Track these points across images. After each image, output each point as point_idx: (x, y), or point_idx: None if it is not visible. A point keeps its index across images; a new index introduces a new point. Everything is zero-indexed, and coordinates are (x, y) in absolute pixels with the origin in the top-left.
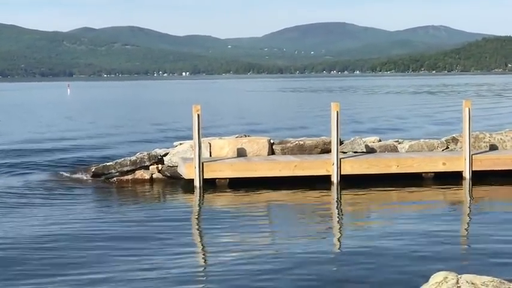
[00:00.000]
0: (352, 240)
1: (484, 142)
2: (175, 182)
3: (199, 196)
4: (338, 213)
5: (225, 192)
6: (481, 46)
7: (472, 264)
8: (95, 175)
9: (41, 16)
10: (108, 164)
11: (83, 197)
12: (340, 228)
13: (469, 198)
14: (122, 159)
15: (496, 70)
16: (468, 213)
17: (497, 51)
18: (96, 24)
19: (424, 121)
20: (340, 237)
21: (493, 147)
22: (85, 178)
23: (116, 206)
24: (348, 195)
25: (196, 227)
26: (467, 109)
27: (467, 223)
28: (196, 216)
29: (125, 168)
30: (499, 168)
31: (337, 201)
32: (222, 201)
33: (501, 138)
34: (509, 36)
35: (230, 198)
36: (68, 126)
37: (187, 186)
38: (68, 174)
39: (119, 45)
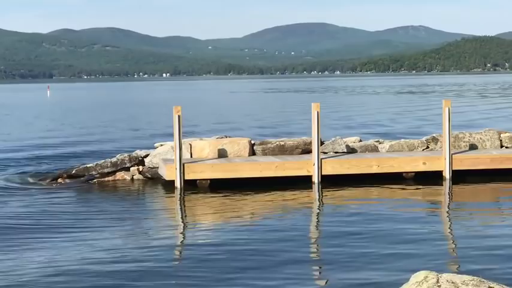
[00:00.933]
0: (332, 240)
1: (463, 142)
2: (156, 183)
3: (180, 197)
4: (318, 214)
5: (206, 193)
6: (460, 46)
7: (453, 264)
8: (76, 177)
9: (20, 17)
10: (88, 165)
11: (61, 199)
12: (320, 228)
13: (449, 198)
14: (103, 160)
15: (475, 70)
16: (448, 213)
17: (476, 51)
18: (76, 25)
19: (405, 121)
20: (319, 237)
21: (472, 147)
22: (65, 180)
23: (96, 207)
24: (329, 196)
25: (176, 226)
26: (447, 109)
27: (447, 222)
28: (177, 217)
29: (106, 170)
30: (479, 168)
31: (318, 201)
32: (203, 202)
33: (481, 138)
34: (488, 36)
35: (210, 199)
36: (48, 128)
37: (168, 187)
38: (48, 175)
39: (99, 47)
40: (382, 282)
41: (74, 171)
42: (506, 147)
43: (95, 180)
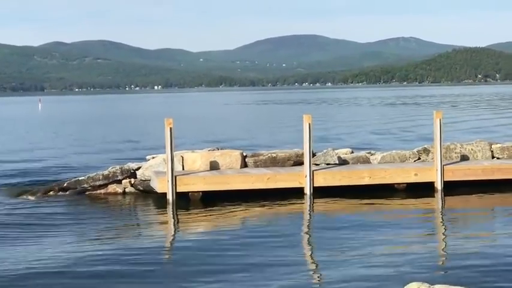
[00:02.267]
0: (324, 251)
1: (455, 153)
2: (148, 196)
3: (172, 209)
4: (310, 225)
5: (198, 205)
6: (451, 57)
7: (445, 275)
8: (67, 189)
9: (11, 30)
10: (80, 178)
11: (53, 212)
12: (311, 240)
13: (441, 209)
14: (95, 173)
15: (467, 81)
16: (440, 224)
17: (467, 62)
18: (67, 38)
19: (396, 132)
20: (312, 248)
21: (464, 158)
22: (57, 192)
23: (87, 220)
24: (320, 207)
25: (168, 239)
26: (438, 120)
27: (439, 233)
28: (169, 229)
29: (98, 183)
30: (470, 179)
31: (310, 213)
32: (195, 214)
33: (472, 149)
34: (479, 47)
35: (203, 212)
36: (40, 141)
37: (160, 200)
38: (40, 188)
39: (90, 59)
40: None
41: (65, 184)
42: (498, 158)
43: (86, 192)
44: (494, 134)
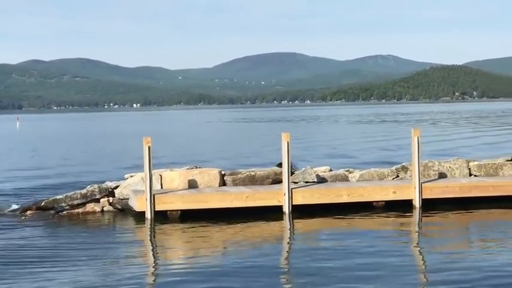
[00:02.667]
0: (303, 270)
1: (433, 170)
2: (127, 214)
3: (151, 228)
4: (289, 243)
5: (177, 224)
6: (428, 75)
7: None
8: (45, 209)
9: None
10: (58, 197)
11: (31, 232)
12: (289, 259)
13: (418, 227)
14: (72, 192)
15: (444, 98)
16: (418, 241)
17: (444, 79)
18: (45, 56)
19: (375, 150)
20: (289, 268)
21: (442, 175)
22: (34, 212)
23: (64, 240)
24: (299, 225)
25: (147, 258)
26: (416, 138)
27: (418, 251)
28: (147, 249)
29: (75, 202)
30: (448, 196)
31: (288, 232)
32: (173, 233)
33: (450, 167)
34: (456, 65)
35: (181, 231)
36: (17, 159)
37: (139, 218)
38: (16, 208)
39: (68, 77)
40: None
41: (43, 203)
42: (475, 176)
43: (64, 212)
44: (471, 151)
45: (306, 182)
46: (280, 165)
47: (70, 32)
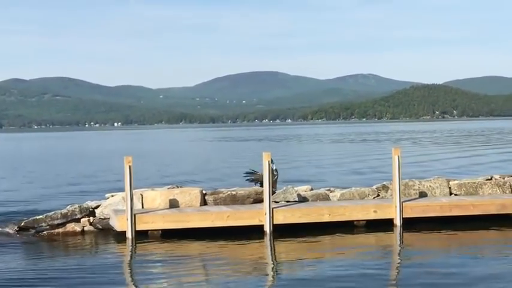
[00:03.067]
0: None
1: (413, 189)
2: (107, 234)
3: (132, 248)
4: (270, 263)
5: (158, 244)
6: (409, 94)
7: None
8: (25, 229)
9: None
10: (38, 217)
11: (11, 251)
12: (272, 277)
13: (399, 245)
14: (53, 212)
15: (424, 117)
16: (399, 261)
17: (424, 98)
18: (26, 75)
19: (356, 169)
20: (272, 285)
21: (422, 195)
22: (14, 232)
23: (46, 260)
24: (280, 245)
25: (128, 280)
26: (396, 157)
27: (398, 270)
28: (128, 270)
29: (56, 222)
30: (429, 215)
31: (270, 251)
32: (154, 253)
33: (430, 186)
34: (436, 84)
35: (162, 251)
36: None
37: (120, 238)
38: None
39: (49, 96)
40: None
41: (23, 224)
42: (455, 195)
43: (44, 232)
44: (452, 170)
45: (287, 202)
46: (248, 173)
47: (51, 51)
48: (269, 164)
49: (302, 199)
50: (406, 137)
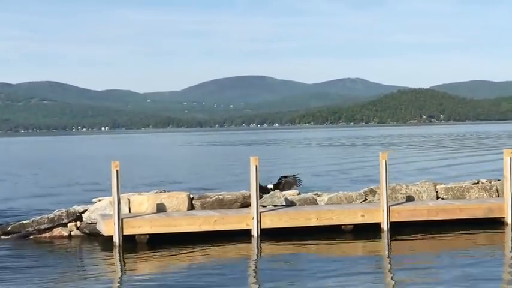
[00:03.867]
0: None
1: (401, 193)
2: (94, 239)
3: (119, 253)
4: (258, 268)
5: (145, 248)
6: (396, 98)
7: None
8: (11, 233)
9: None
10: (24, 222)
11: None
12: (259, 282)
13: (387, 249)
14: (39, 216)
15: (412, 121)
16: (386, 265)
17: (412, 103)
18: (12, 79)
19: (343, 173)
20: None
21: (409, 199)
22: (0, 237)
23: (31, 265)
24: (268, 249)
25: (115, 285)
26: (384, 161)
27: (385, 275)
28: (115, 276)
29: (43, 226)
30: (416, 219)
31: (257, 255)
32: (141, 258)
33: (417, 190)
34: (423, 88)
35: (149, 255)
36: None
37: (107, 243)
38: None
39: (36, 101)
40: None
41: (9, 228)
42: (442, 199)
43: (31, 236)
44: (439, 174)
45: (275, 206)
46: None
47: (38, 55)
48: (256, 168)
49: (289, 203)
50: (393, 141)
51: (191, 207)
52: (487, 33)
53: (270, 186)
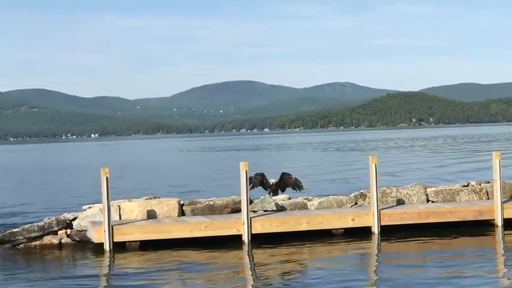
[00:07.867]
0: None
1: (391, 197)
2: (85, 246)
3: (110, 260)
4: (249, 273)
5: (136, 255)
6: (385, 102)
7: None
8: (1, 242)
9: None
10: (14, 230)
11: None
12: (251, 287)
13: (377, 253)
14: (29, 225)
15: (401, 125)
16: (377, 269)
17: (401, 106)
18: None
19: (333, 177)
20: None
21: (400, 202)
22: None
23: (21, 274)
24: (259, 254)
25: None
26: (373, 165)
27: (377, 278)
28: (106, 283)
29: (33, 234)
30: (406, 222)
31: (248, 261)
32: (132, 265)
33: (407, 193)
34: (412, 91)
35: (140, 262)
36: None
37: (97, 250)
38: None
39: (25, 108)
40: None
41: None
42: (432, 202)
43: (21, 245)
44: (429, 177)
45: (265, 211)
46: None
47: (26, 63)
48: (247, 174)
49: (280, 208)
50: (382, 145)
51: (182, 213)
52: (476, 36)
53: (273, 180)
